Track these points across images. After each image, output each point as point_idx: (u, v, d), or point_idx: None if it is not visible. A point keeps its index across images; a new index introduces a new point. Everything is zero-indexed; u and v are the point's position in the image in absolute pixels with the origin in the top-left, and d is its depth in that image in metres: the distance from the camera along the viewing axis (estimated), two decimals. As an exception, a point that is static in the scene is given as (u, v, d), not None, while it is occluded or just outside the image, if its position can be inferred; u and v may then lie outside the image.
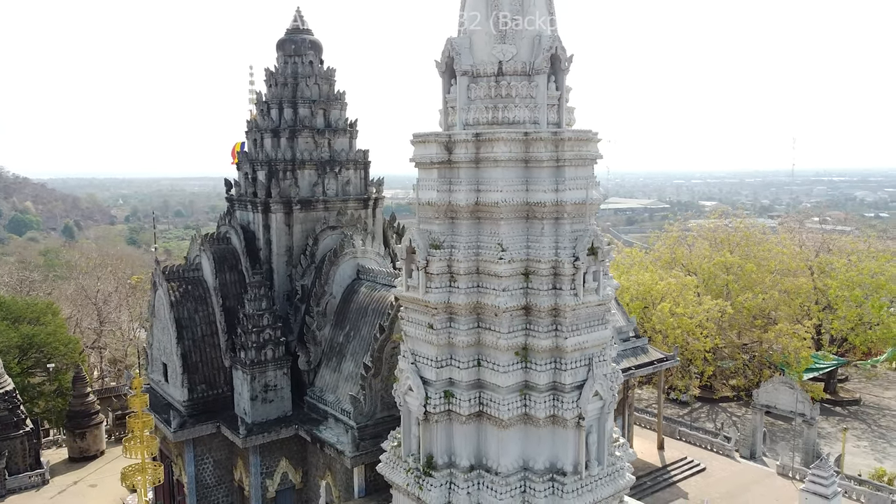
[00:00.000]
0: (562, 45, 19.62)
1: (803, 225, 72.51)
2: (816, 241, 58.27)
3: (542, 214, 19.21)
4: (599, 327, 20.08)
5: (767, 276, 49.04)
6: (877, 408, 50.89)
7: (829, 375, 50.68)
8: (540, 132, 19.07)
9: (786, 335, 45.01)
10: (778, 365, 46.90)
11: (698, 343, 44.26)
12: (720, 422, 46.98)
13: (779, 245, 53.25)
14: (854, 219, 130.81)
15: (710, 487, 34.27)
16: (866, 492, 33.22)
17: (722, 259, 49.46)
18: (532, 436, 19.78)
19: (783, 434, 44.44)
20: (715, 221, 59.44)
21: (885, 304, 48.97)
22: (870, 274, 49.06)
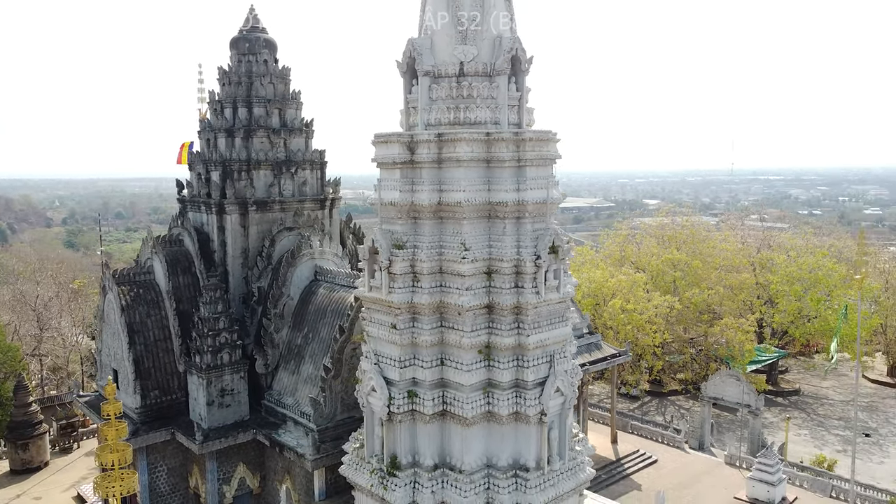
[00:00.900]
0: (522, 46, 19.88)
1: (742, 222, 75.09)
2: (757, 237, 60.43)
3: (505, 214, 19.44)
4: (560, 324, 20.43)
5: (713, 273, 50.61)
6: (815, 397, 53.08)
7: (770, 367, 52.60)
8: (502, 132, 19.29)
9: (730, 329, 46.51)
10: (723, 358, 48.44)
11: (648, 338, 45.36)
12: (670, 414, 48.23)
13: (723, 242, 55.02)
14: (789, 216, 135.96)
15: (662, 479, 35.18)
16: (808, 478, 34.63)
17: (670, 256, 50.83)
18: (495, 433, 19.98)
19: (729, 425, 45.95)
20: (662, 219, 60.98)
21: (822, 297, 51.10)
22: (808, 269, 51.14)
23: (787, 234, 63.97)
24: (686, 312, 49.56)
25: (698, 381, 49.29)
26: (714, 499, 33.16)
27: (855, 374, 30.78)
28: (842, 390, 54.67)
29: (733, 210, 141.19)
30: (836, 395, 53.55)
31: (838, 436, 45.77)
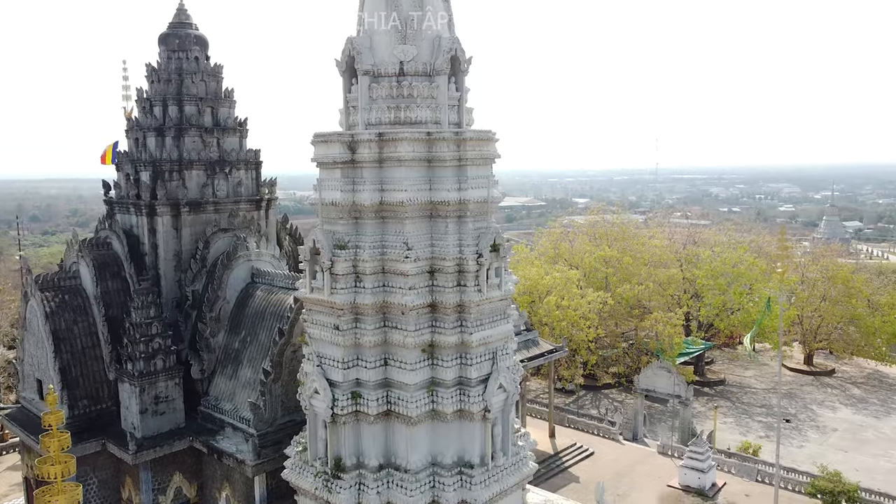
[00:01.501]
0: (461, 46, 20.04)
1: (668, 220, 77.76)
2: (683, 234, 62.69)
3: (447, 213, 19.55)
4: (502, 321, 20.72)
5: (642, 269, 52.21)
6: (739, 386, 55.50)
7: (697, 359, 54.65)
8: (443, 132, 19.41)
9: (660, 323, 48.12)
10: (654, 351, 50.04)
11: (582, 334, 46.41)
12: (604, 407, 49.51)
13: (651, 239, 56.83)
14: (711, 213, 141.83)
15: (599, 470, 36.10)
16: (736, 463, 36.19)
17: (602, 253, 52.15)
18: (440, 431, 20.08)
19: (660, 415, 47.51)
20: (594, 218, 62.50)
21: (744, 291, 53.47)
22: (731, 264, 53.41)
23: (711, 230, 66.65)
24: (618, 308, 50.95)
25: (630, 375, 50.75)
26: (648, 487, 34.26)
27: (777, 364, 32.37)
28: (763, 379, 57.34)
29: (658, 208, 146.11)
30: (758, 384, 56.12)
31: (761, 422, 47.99)
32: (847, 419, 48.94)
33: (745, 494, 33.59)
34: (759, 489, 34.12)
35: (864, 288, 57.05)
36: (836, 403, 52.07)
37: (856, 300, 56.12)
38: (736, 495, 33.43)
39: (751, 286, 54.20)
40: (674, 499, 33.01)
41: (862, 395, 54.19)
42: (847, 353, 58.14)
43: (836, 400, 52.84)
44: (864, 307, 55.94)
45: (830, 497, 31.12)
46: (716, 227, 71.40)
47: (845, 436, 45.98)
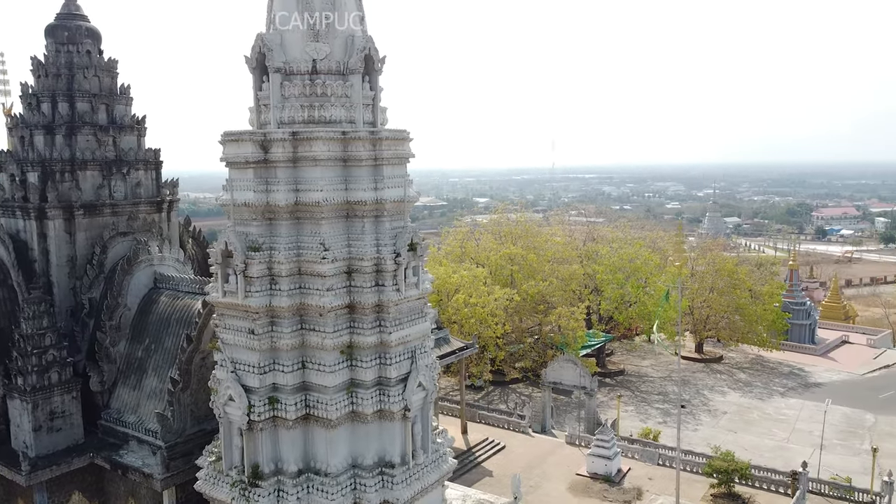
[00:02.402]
0: (375, 45, 19.96)
1: (568, 218, 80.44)
2: (583, 231, 65.00)
3: (363, 213, 19.44)
4: (420, 320, 20.80)
5: (546, 265, 53.74)
6: (637, 376, 58.15)
7: (598, 351, 56.85)
8: (358, 131, 19.28)
9: (564, 317, 49.71)
10: (558, 345, 51.65)
11: (490, 330, 47.24)
12: (512, 402, 50.63)
13: (553, 237, 58.59)
14: (604, 211, 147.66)
15: (511, 463, 36.87)
16: (639, 449, 37.90)
17: (507, 251, 53.28)
18: (360, 432, 19.95)
19: (566, 407, 49.05)
20: (498, 216, 63.75)
21: (641, 284, 56.11)
22: (628, 259, 55.91)
23: (608, 227, 69.48)
24: (523, 304, 52.19)
25: (537, 368, 52.12)
26: (558, 477, 35.31)
27: (678, 352, 34.21)
28: (659, 368, 60.33)
29: (556, 207, 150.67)
30: (654, 373, 58.99)
31: (659, 409, 50.50)
32: (735, 402, 52.29)
33: (649, 478, 35.25)
34: (661, 472, 35.90)
35: (747, 279, 61.17)
36: (725, 388, 55.53)
37: (740, 291, 60.03)
38: (640, 479, 35.02)
39: (646, 279, 56.92)
40: (583, 486, 34.20)
41: (747, 379, 58.07)
42: (733, 341, 62.09)
43: (724, 385, 56.33)
44: (747, 297, 59.93)
45: (725, 475, 33.18)
46: (612, 224, 74.50)
47: (734, 418, 49.12)
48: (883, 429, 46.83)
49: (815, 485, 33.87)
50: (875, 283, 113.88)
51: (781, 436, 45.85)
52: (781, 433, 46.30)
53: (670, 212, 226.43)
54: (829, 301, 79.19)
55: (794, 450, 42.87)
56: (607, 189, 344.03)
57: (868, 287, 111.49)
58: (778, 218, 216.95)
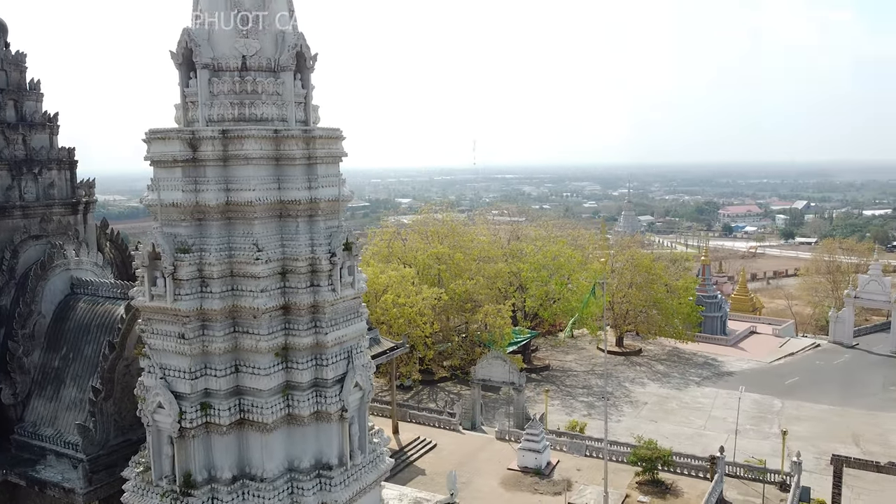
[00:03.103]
0: (306, 42, 19.68)
1: (492, 217, 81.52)
2: (507, 230, 66.03)
3: (297, 212, 19.14)
4: (356, 320, 20.66)
5: (472, 264, 54.33)
6: (562, 370, 59.60)
7: (524, 347, 57.90)
8: (291, 130, 18.97)
9: (491, 315, 50.37)
10: (486, 342, 52.30)
11: (419, 330, 47.34)
12: (441, 400, 50.92)
13: (479, 236, 59.27)
14: (525, 210, 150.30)
15: (442, 461, 37.11)
16: (566, 441, 38.87)
17: (434, 250, 53.54)
18: (297, 435, 19.62)
19: (494, 403, 49.78)
20: (424, 216, 63.95)
21: (564, 281, 57.50)
22: (552, 257, 57.20)
23: (532, 226, 70.87)
24: (451, 303, 52.57)
25: (465, 366, 52.62)
26: (490, 472, 35.79)
27: (604, 346, 35.39)
28: (582, 362, 62.05)
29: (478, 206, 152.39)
30: (578, 367, 60.63)
31: (583, 402, 51.94)
32: (655, 393, 54.38)
33: (577, 469, 36.22)
34: (589, 463, 36.95)
35: (664, 274, 63.66)
36: (645, 379, 57.66)
37: (656, 286, 62.45)
38: (569, 471, 35.94)
39: (569, 276, 58.38)
40: (514, 480, 34.79)
41: (665, 370, 60.48)
42: (651, 334, 64.52)
43: (644, 376, 58.48)
44: (663, 292, 62.42)
45: (649, 463, 34.47)
46: (535, 223, 76.02)
47: (654, 408, 51.09)
48: (790, 413, 49.76)
49: (731, 468, 35.66)
50: (777, 276, 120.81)
51: (698, 423, 48.01)
52: (698, 421, 48.47)
53: (588, 210, 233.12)
54: (737, 294, 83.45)
55: (711, 436, 44.99)
56: (527, 189, 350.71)
57: (771, 280, 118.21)
58: (688, 216, 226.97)
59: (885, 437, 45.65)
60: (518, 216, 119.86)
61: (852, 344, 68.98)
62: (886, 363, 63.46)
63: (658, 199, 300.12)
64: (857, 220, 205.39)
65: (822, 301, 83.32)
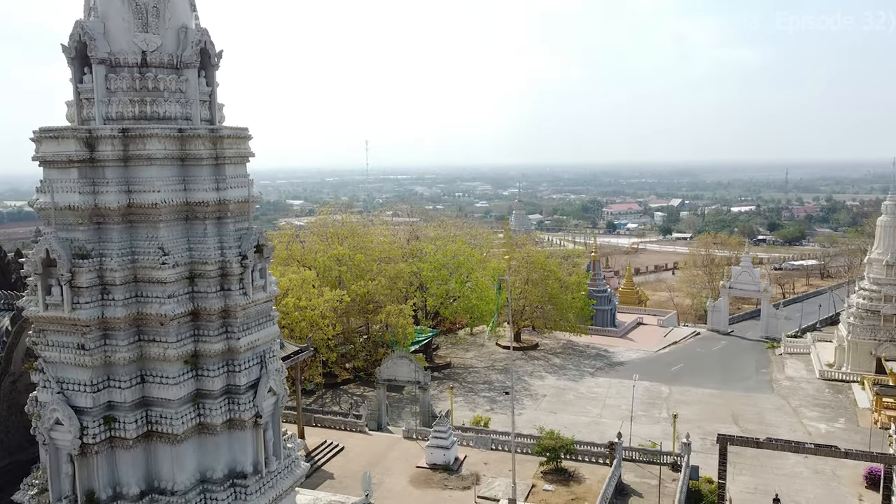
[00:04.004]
0: (210, 39, 19.09)
1: (391, 218, 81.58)
2: (406, 230, 66.29)
3: (205, 214, 18.56)
4: (268, 323, 20.32)
5: (373, 265, 54.17)
6: (463, 367, 60.49)
7: (426, 346, 58.35)
8: (197, 129, 18.37)
9: (393, 315, 50.43)
10: (388, 343, 52.32)
11: (321, 332, 46.72)
12: (345, 402, 50.45)
13: (379, 236, 59.17)
14: (417, 211, 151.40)
15: (351, 463, 36.84)
16: (473, 437, 39.57)
17: (335, 252, 52.97)
18: (209, 445, 19.03)
19: (398, 403, 49.87)
20: (324, 217, 63.12)
21: (464, 279, 58.42)
22: (451, 256, 57.97)
23: (431, 226, 71.55)
24: (353, 304, 52.21)
25: (368, 368, 52.43)
26: (399, 471, 35.88)
27: (505, 342, 36.21)
28: (482, 359, 63.22)
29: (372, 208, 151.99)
30: (478, 364, 61.73)
31: (486, 397, 52.94)
32: (553, 385, 56.25)
33: (484, 462, 36.96)
34: (495, 456, 37.78)
35: (557, 270, 65.97)
36: (543, 372, 59.52)
37: (551, 281, 64.59)
38: (477, 465, 36.60)
39: (469, 275, 59.39)
40: (424, 478, 35.04)
41: (561, 363, 62.69)
42: (547, 329, 66.66)
43: (542, 370, 60.36)
44: (557, 287, 64.65)
45: (553, 453, 35.70)
46: (433, 223, 76.77)
47: (553, 399, 52.83)
48: (677, 398, 52.89)
49: (628, 452, 37.52)
50: (658, 270, 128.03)
51: (595, 412, 50.11)
52: (595, 409, 50.60)
53: (479, 210, 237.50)
54: (624, 288, 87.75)
55: (607, 423, 47.07)
56: (419, 189, 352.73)
57: (653, 274, 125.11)
58: (574, 214, 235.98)
59: (761, 415, 49.44)
60: (412, 216, 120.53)
61: (728, 331, 74.22)
62: (757, 348, 68.71)
63: (546, 198, 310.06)
64: (726, 216, 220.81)
65: (699, 292, 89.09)
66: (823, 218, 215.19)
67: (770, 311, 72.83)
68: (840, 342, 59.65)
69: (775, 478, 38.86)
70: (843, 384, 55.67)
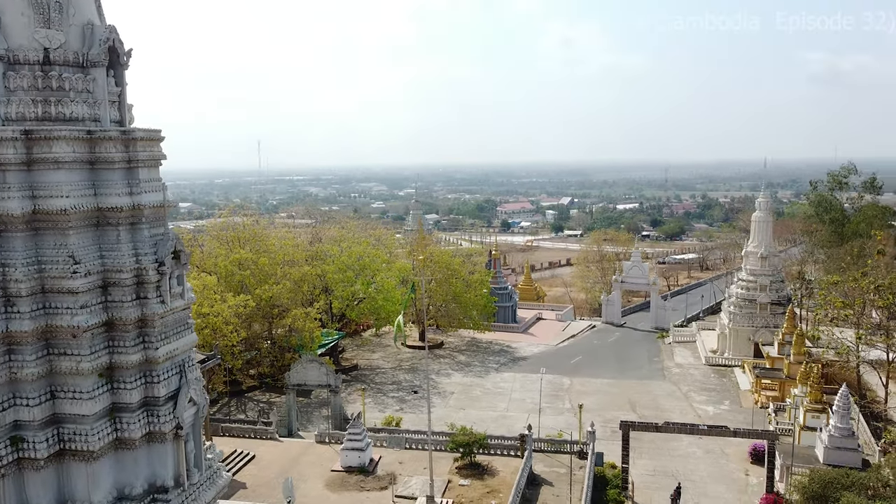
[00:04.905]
0: (119, 37, 18.31)
1: (273, 220, 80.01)
2: (309, 232, 65.36)
3: (118, 220, 17.79)
4: (187, 332, 19.72)
5: (278, 268, 53.08)
6: (370, 369, 60.42)
7: (332, 349, 57.82)
8: (108, 131, 17.58)
9: (300, 319, 49.68)
10: (295, 347, 51.47)
11: (226, 339, 45.37)
12: (251, 410, 49.23)
13: (282, 239, 58.01)
14: (314, 212, 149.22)
15: (264, 471, 36.06)
16: (386, 437, 39.68)
17: (237, 256, 51.47)
18: (127, 460, 18.26)
19: (306, 408, 49.23)
20: (224, 220, 61.11)
21: (369, 281, 58.32)
22: (357, 257, 57.70)
23: (335, 227, 70.81)
24: (257, 309, 50.95)
25: (275, 373, 51.42)
26: (315, 476, 35.47)
27: (425, 343, 36.46)
28: (388, 359, 63.35)
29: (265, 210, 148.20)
30: (385, 364, 61.83)
31: (394, 397, 53.16)
32: (459, 382, 57.22)
33: (399, 462, 37.16)
34: (409, 455, 38.07)
35: (461, 269, 67.08)
36: (449, 370, 60.41)
37: (455, 280, 65.60)
38: (392, 465, 36.74)
39: (374, 275, 59.34)
40: (340, 481, 34.81)
41: (467, 360, 63.84)
42: (452, 327, 67.67)
43: (448, 368, 61.24)
44: (461, 286, 65.74)
45: (467, 448, 36.39)
46: (337, 224, 75.97)
47: (461, 396, 53.76)
48: (578, 389, 55.13)
49: (537, 444, 38.84)
50: (553, 266, 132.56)
51: (502, 406, 51.44)
52: (501, 404, 51.93)
53: (376, 211, 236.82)
54: (523, 284, 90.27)
55: (514, 417, 48.50)
56: (314, 190, 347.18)
57: (548, 270, 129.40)
58: (470, 213, 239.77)
59: (656, 401, 52.43)
60: (307, 218, 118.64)
61: (621, 323, 78.07)
62: (649, 338, 72.73)
63: (441, 197, 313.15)
64: (612, 213, 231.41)
65: (593, 286, 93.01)
66: (700, 214, 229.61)
67: (659, 303, 77.18)
68: (722, 330, 64.18)
69: (672, 459, 41.40)
70: (726, 369, 59.95)
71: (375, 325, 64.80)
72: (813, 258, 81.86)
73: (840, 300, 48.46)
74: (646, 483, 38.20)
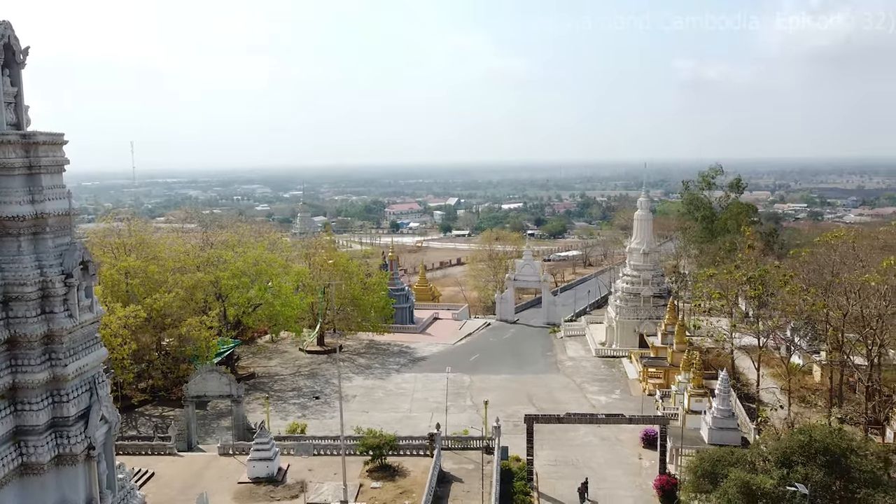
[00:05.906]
0: (15, 34, 17.13)
1: (152, 225, 76.31)
2: (199, 238, 62.82)
3: (19, 230, 16.68)
4: (96, 346, 18.77)
5: (169, 276, 50.72)
6: (268, 376, 58.97)
7: (228, 357, 55.96)
8: (7, 134, 16.43)
9: (195, 328, 47.75)
10: (190, 357, 49.41)
11: (115, 352, 42.88)
12: (142, 426, 46.82)
13: (171, 245, 55.41)
14: (195, 215, 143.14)
15: (165, 488, 34.51)
16: (293, 445, 38.99)
17: (123, 264, 48.70)
18: (33, 487, 17.17)
19: (205, 419, 47.41)
20: (106, 226, 57.55)
21: (266, 286, 56.88)
22: (253, 262, 56.11)
23: (227, 232, 68.33)
24: (148, 320, 48.47)
25: (168, 386, 49.17)
26: (221, 490, 34.30)
27: (337, 346, 36.13)
28: (287, 366, 62.06)
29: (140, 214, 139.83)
30: (283, 371, 60.54)
31: (296, 404, 52.21)
32: (361, 385, 56.97)
33: (309, 469, 36.59)
34: (318, 461, 37.58)
35: (359, 272, 66.75)
36: (350, 374, 59.96)
37: (353, 282, 65.19)
38: (301, 472, 36.12)
39: (271, 280, 57.95)
40: (248, 493, 33.85)
41: (367, 363, 63.61)
42: (350, 330, 67.17)
43: (349, 371, 60.77)
44: (359, 288, 65.43)
45: (378, 451, 36.40)
46: (231, 228, 73.26)
47: (363, 399, 53.56)
48: (478, 386, 56.31)
49: (445, 442, 39.47)
50: (444, 266, 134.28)
51: (405, 407, 51.73)
52: (404, 405, 52.21)
53: (261, 213, 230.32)
54: (419, 285, 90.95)
55: (418, 417, 48.93)
56: (193, 193, 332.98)
57: (440, 270, 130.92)
58: (358, 215, 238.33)
59: (552, 394, 54.48)
60: (187, 222, 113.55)
61: (515, 320, 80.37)
62: (542, 333, 75.34)
63: (329, 199, 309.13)
64: (498, 213, 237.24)
65: (485, 285, 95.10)
66: (579, 213, 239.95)
67: (550, 299, 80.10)
68: (609, 323, 67.61)
69: (571, 448, 43.25)
70: (614, 360, 63.21)
71: (273, 330, 63.28)
72: (686, 253, 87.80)
73: (717, 291, 52.35)
74: (548, 473, 39.70)
